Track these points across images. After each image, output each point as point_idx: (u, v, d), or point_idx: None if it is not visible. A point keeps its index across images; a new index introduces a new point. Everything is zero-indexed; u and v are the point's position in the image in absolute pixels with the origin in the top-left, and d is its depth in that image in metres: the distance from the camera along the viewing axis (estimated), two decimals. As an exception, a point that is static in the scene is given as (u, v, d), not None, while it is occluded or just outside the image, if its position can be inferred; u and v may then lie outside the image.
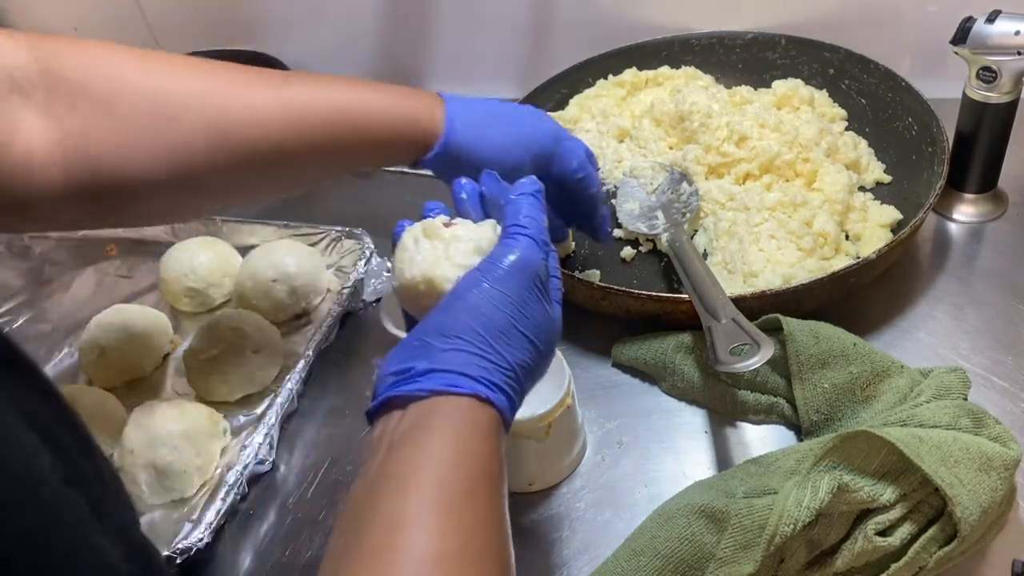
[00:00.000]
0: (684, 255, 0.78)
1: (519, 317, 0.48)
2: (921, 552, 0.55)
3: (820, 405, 0.68)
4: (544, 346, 0.49)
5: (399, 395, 0.46)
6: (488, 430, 0.46)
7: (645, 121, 0.99)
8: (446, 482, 0.42)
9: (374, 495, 0.42)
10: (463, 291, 0.49)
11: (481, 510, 0.43)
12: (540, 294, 0.50)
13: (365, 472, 0.44)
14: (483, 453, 0.45)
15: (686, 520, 0.58)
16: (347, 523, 0.43)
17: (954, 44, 0.80)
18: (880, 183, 0.91)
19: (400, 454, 0.43)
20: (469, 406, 0.45)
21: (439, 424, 0.44)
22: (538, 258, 0.50)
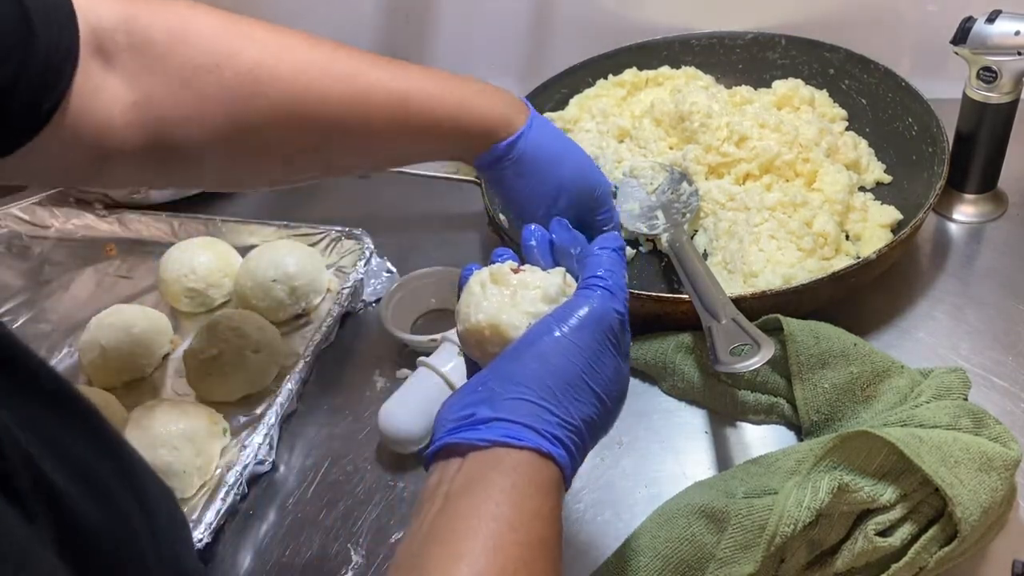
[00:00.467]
0: (684, 255, 0.77)
1: (589, 371, 0.46)
2: (921, 552, 0.55)
3: (820, 405, 0.68)
4: (612, 403, 0.48)
5: (459, 442, 0.44)
6: (548, 489, 0.43)
7: (645, 121, 0.99)
8: (501, 547, 0.40)
9: (425, 550, 0.41)
10: (533, 339, 0.47)
11: (540, 567, 0.41)
12: (613, 349, 0.48)
13: (419, 523, 0.43)
14: (541, 515, 0.42)
15: (686, 520, 0.58)
16: (403, 564, 0.41)
17: (954, 44, 0.80)
18: (880, 183, 0.91)
19: (456, 509, 0.42)
20: (530, 461, 0.43)
21: (498, 479, 0.42)
22: (615, 312, 0.48)
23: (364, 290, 0.88)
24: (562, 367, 0.45)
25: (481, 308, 0.51)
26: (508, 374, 0.45)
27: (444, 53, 1.17)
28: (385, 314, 0.81)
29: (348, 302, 0.85)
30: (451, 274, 0.85)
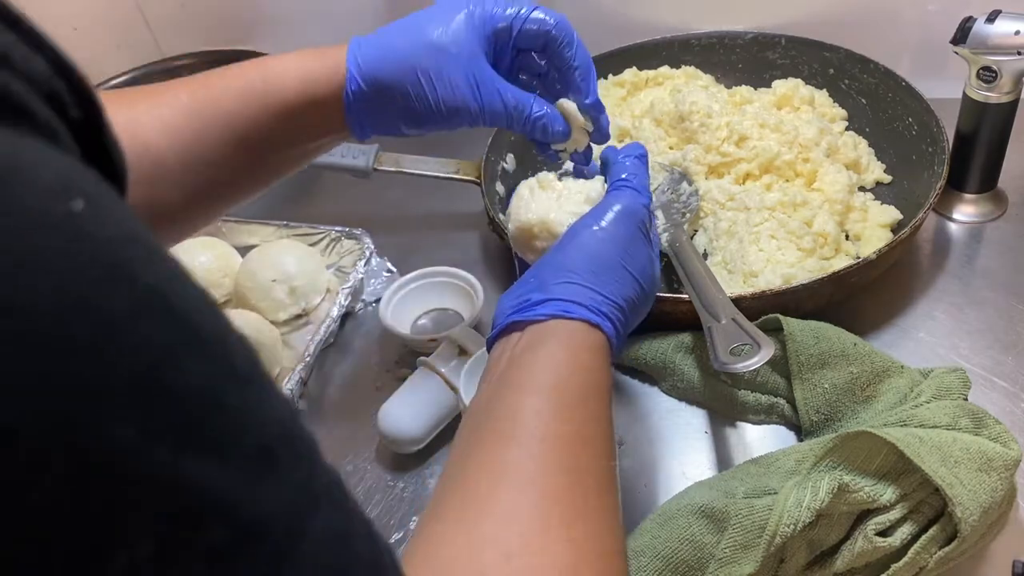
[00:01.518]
0: (684, 255, 0.77)
1: (626, 257, 0.53)
2: (921, 552, 0.55)
3: (820, 405, 0.68)
4: (647, 284, 0.55)
5: (518, 320, 0.51)
6: (598, 349, 0.50)
7: (645, 121, 0.99)
8: (561, 384, 0.47)
9: (495, 399, 0.47)
10: (575, 232, 0.55)
11: (592, 409, 0.47)
12: (643, 238, 0.55)
13: (486, 385, 0.49)
14: (594, 367, 0.49)
15: (686, 520, 0.58)
16: (468, 425, 0.47)
17: (954, 44, 0.80)
18: (880, 183, 0.91)
19: (519, 364, 0.48)
20: (580, 329, 0.50)
21: (555, 341, 0.49)
22: (640, 206, 0.56)
23: (364, 290, 0.88)
24: (603, 254, 0.53)
25: (531, 209, 0.59)
26: (557, 264, 0.53)
27: (444, 53, 1.17)
28: (385, 314, 0.81)
29: (348, 302, 0.85)
30: (451, 274, 0.85)
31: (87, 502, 0.17)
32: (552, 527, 0.40)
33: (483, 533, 0.39)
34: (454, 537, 0.39)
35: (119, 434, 0.18)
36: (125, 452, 0.18)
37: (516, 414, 0.45)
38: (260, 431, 0.22)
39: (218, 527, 0.20)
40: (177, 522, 0.19)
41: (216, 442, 0.20)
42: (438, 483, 0.45)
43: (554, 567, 0.39)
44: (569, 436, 0.44)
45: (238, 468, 0.20)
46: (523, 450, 0.43)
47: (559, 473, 0.43)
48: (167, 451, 0.19)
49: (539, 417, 0.45)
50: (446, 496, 0.42)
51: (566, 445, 0.44)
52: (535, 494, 0.41)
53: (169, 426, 0.19)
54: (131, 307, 0.19)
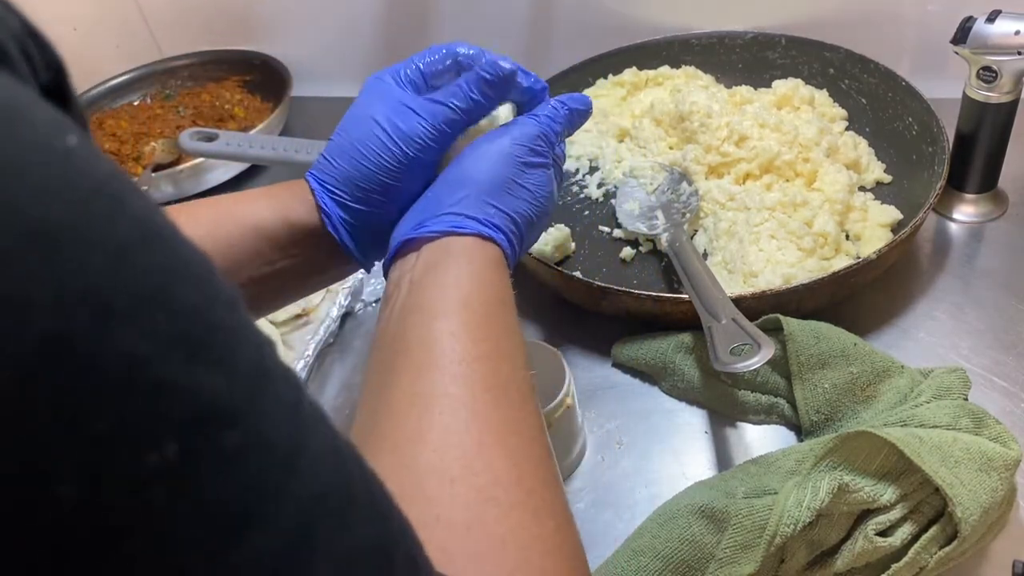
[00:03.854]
0: (684, 255, 0.77)
1: (519, 173, 0.54)
2: (921, 552, 0.55)
3: (820, 405, 0.68)
4: (543, 201, 0.56)
5: (413, 238, 0.51)
6: (496, 263, 0.52)
7: (645, 121, 0.99)
8: (469, 303, 0.47)
9: (403, 326, 0.47)
10: (469, 150, 0.55)
11: (503, 324, 0.48)
12: (541, 157, 0.56)
13: (389, 312, 0.49)
14: (495, 281, 0.50)
15: (686, 520, 0.58)
16: (380, 356, 0.47)
17: (954, 44, 0.80)
18: (880, 183, 0.91)
19: (422, 288, 0.48)
20: (476, 244, 0.51)
21: (453, 260, 0.50)
22: (539, 130, 0.57)
23: (364, 290, 0.88)
24: (497, 170, 0.54)
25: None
26: (451, 180, 0.54)
27: (444, 53, 1.17)
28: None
29: (348, 302, 0.85)
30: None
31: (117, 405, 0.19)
32: (488, 445, 0.41)
33: (422, 463, 0.39)
34: (394, 471, 0.39)
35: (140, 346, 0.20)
36: (146, 362, 0.20)
37: (431, 340, 0.45)
38: (253, 351, 0.23)
39: (231, 432, 0.21)
40: (196, 425, 0.20)
41: (220, 356, 0.22)
42: (359, 416, 0.44)
43: (498, 483, 0.39)
44: (487, 354, 0.45)
45: (241, 381, 0.22)
46: (446, 375, 0.43)
47: (484, 391, 0.43)
48: (180, 361, 0.20)
49: (455, 339, 0.45)
50: (376, 431, 0.42)
51: (486, 363, 0.44)
52: (466, 416, 0.42)
53: (179, 340, 0.21)
54: (134, 234, 0.21)
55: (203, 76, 1.23)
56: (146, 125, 1.13)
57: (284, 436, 0.23)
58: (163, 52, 1.26)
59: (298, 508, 0.23)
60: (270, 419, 0.23)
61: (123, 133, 1.12)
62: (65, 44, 0.25)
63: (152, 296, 0.20)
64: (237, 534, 0.21)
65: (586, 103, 0.61)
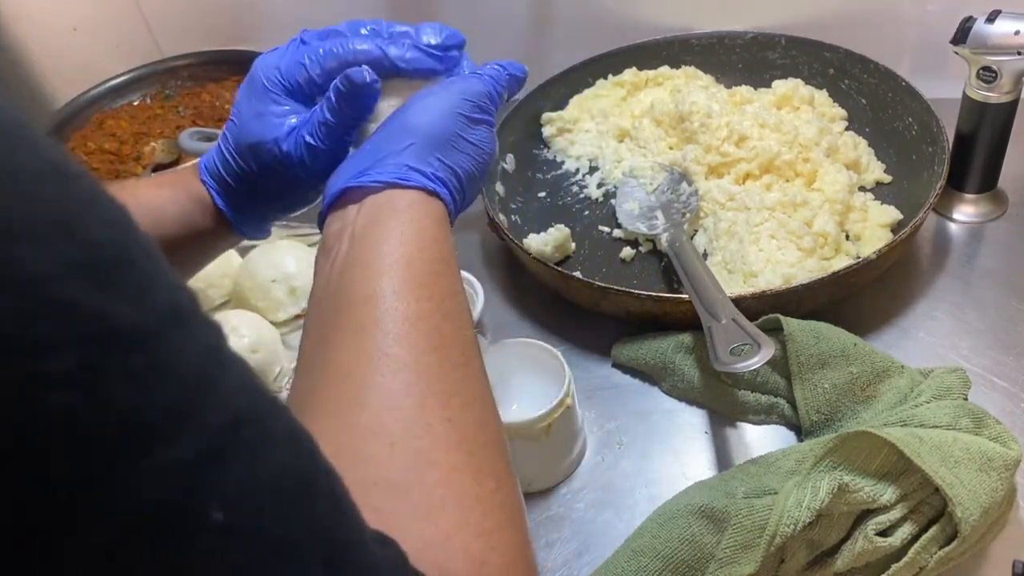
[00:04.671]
0: (684, 255, 0.77)
1: (465, 129, 0.52)
2: (921, 552, 0.55)
3: (820, 405, 0.68)
4: (485, 159, 0.54)
5: (354, 186, 0.49)
6: (440, 220, 0.50)
7: (645, 121, 0.99)
8: (412, 261, 0.46)
9: (345, 281, 0.45)
10: (416, 99, 0.53)
11: (446, 282, 0.47)
12: (486, 115, 0.54)
13: (329, 266, 0.47)
14: (439, 239, 0.48)
15: (686, 521, 0.58)
16: (320, 313, 0.46)
17: (954, 44, 0.80)
18: (880, 183, 0.91)
19: (365, 243, 0.47)
20: (419, 198, 0.49)
21: (397, 216, 0.48)
22: (485, 88, 0.55)
23: (364, 290, 0.88)
24: (443, 121, 0.52)
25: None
26: (395, 128, 0.52)
27: (444, 53, 1.17)
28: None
29: (348, 302, 0.85)
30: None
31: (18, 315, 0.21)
32: (429, 408, 0.40)
33: (363, 424, 0.39)
34: (335, 433, 0.39)
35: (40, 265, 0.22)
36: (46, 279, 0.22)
37: (373, 298, 0.44)
38: (171, 294, 0.25)
39: (137, 355, 0.23)
40: (97, 342, 0.22)
41: (132, 290, 0.24)
42: (298, 375, 0.44)
43: (436, 447, 0.39)
44: (430, 313, 0.44)
45: (152, 314, 0.24)
46: (388, 335, 0.42)
47: (428, 352, 0.42)
48: (83, 285, 0.22)
49: (397, 298, 0.44)
50: (317, 392, 0.42)
51: (429, 323, 0.44)
52: (409, 377, 0.41)
53: (83, 266, 0.23)
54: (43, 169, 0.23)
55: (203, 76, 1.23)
56: (146, 125, 1.13)
57: (195, 368, 0.25)
58: (163, 52, 1.26)
59: (209, 433, 0.24)
60: (181, 352, 0.24)
61: (123, 133, 1.12)
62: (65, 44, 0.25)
63: (56, 224, 0.22)
64: (145, 445, 0.23)
65: (523, 70, 0.59)
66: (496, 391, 0.68)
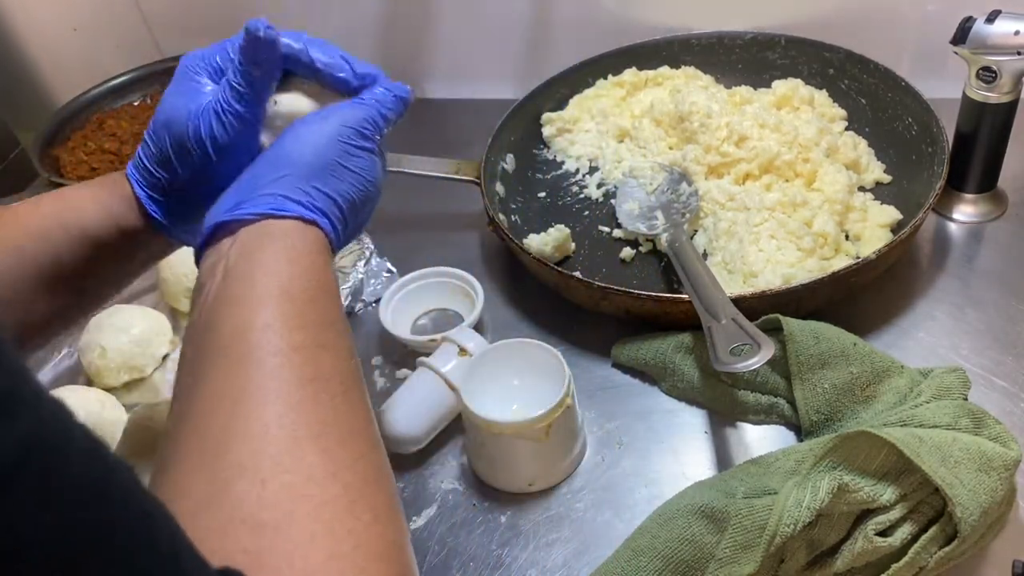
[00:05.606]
0: (684, 255, 0.77)
1: (344, 156, 0.52)
2: (921, 552, 0.55)
3: (820, 405, 0.68)
4: (368, 185, 0.54)
5: (228, 220, 0.48)
6: (318, 248, 0.49)
7: (645, 121, 0.99)
8: (287, 292, 0.44)
9: (217, 316, 0.44)
10: (293, 128, 0.53)
11: (323, 312, 0.45)
12: (366, 140, 0.54)
13: (201, 302, 0.46)
14: (317, 266, 0.47)
15: (686, 520, 0.58)
16: (190, 353, 0.44)
17: (954, 44, 0.80)
18: (880, 183, 0.91)
19: (237, 275, 0.45)
20: (296, 228, 0.48)
21: (271, 245, 0.47)
22: (366, 115, 0.54)
23: (364, 290, 0.88)
24: (320, 150, 0.51)
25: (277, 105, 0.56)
26: (271, 159, 0.51)
27: (444, 54, 1.17)
28: (385, 314, 0.81)
29: (348, 302, 0.85)
30: (451, 274, 0.85)
31: None
32: (302, 440, 0.39)
33: (230, 462, 0.37)
34: (200, 474, 0.37)
35: None
36: None
37: (245, 332, 0.42)
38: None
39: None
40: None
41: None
42: (170, 412, 0.42)
43: (311, 480, 0.38)
44: (305, 344, 0.43)
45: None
46: (259, 369, 0.41)
47: (302, 384, 0.41)
48: None
49: (270, 331, 0.42)
50: (187, 428, 0.40)
51: (304, 355, 0.42)
52: (280, 409, 0.40)
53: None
54: None
55: (203, 76, 1.23)
56: (146, 125, 1.13)
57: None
58: (163, 52, 1.26)
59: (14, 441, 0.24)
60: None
61: (123, 133, 1.12)
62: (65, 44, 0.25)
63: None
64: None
65: (407, 91, 0.58)
66: (496, 391, 0.69)
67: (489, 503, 0.68)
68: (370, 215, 0.56)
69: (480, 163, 0.92)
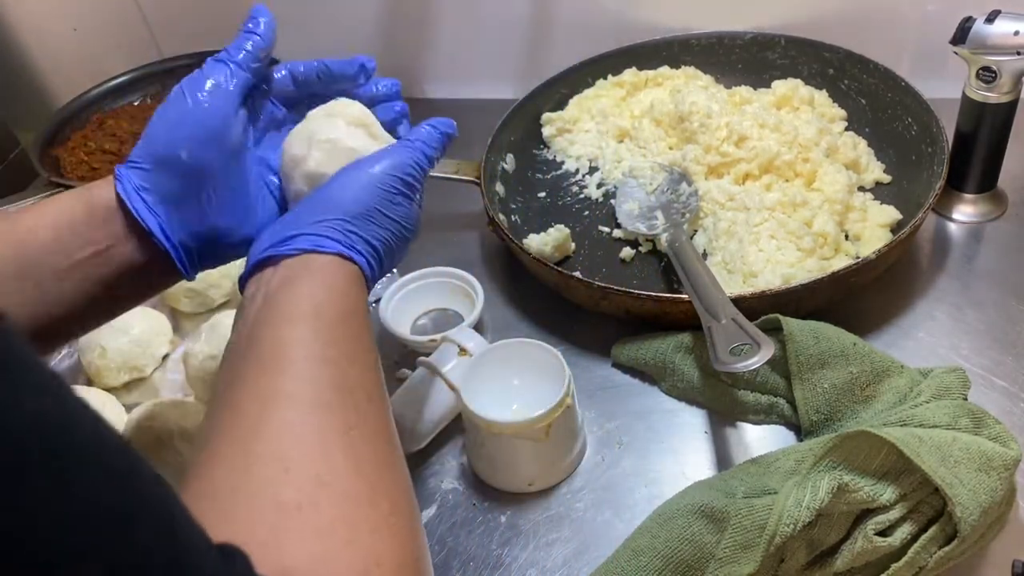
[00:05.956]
0: (684, 255, 0.77)
1: (384, 203, 0.55)
2: (921, 552, 0.55)
3: (820, 405, 0.68)
4: (405, 231, 0.56)
5: (272, 255, 0.51)
6: (354, 280, 0.52)
7: (645, 121, 0.99)
8: (320, 311, 0.48)
9: (255, 335, 0.47)
10: (339, 175, 0.56)
11: (353, 329, 0.49)
12: (407, 189, 0.56)
13: (242, 323, 0.49)
14: (351, 294, 0.51)
15: (686, 520, 0.58)
16: (229, 363, 0.47)
17: (954, 44, 0.80)
18: (880, 183, 0.91)
19: (276, 300, 0.49)
20: (334, 263, 0.51)
21: (308, 275, 0.50)
22: (411, 161, 0.57)
23: (364, 290, 0.88)
24: (361, 196, 0.54)
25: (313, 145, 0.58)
26: (316, 203, 0.54)
27: (444, 54, 1.17)
28: (385, 314, 0.81)
29: (348, 302, 0.84)
30: (451, 274, 0.85)
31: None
32: (327, 437, 0.42)
33: (259, 452, 0.40)
34: (230, 461, 0.40)
35: None
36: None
37: (279, 345, 0.46)
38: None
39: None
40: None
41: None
42: (205, 421, 0.45)
43: (334, 472, 0.40)
44: (334, 357, 0.46)
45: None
46: (289, 375, 0.44)
47: (329, 390, 0.44)
48: None
49: (302, 343, 0.46)
50: (218, 426, 0.43)
51: (333, 365, 0.45)
52: (307, 411, 0.42)
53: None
54: None
55: (203, 76, 1.23)
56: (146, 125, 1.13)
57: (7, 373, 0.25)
58: (163, 52, 1.26)
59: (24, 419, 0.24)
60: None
61: (123, 133, 1.12)
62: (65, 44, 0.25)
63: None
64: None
65: (453, 127, 0.61)
66: (496, 391, 0.69)
67: (489, 503, 0.69)
68: (405, 253, 0.59)
69: (480, 163, 0.92)
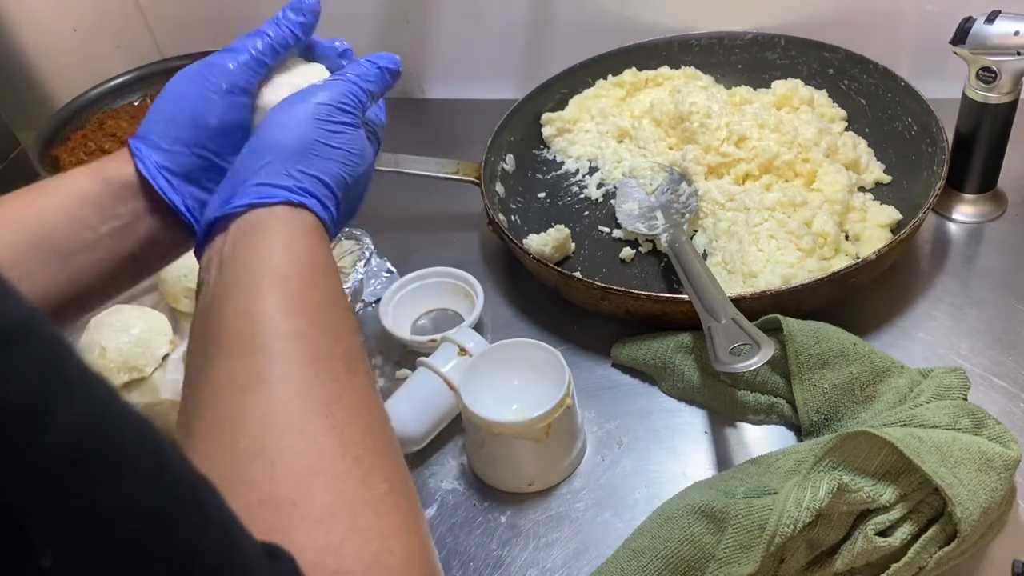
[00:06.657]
0: (684, 255, 0.78)
1: (327, 134, 0.51)
2: (921, 552, 0.55)
3: (820, 405, 0.68)
4: (356, 161, 0.53)
5: (219, 216, 0.48)
6: (311, 230, 0.49)
7: (645, 121, 0.99)
8: (284, 277, 0.45)
9: (216, 309, 0.45)
10: (271, 115, 0.53)
11: (321, 294, 0.46)
12: (348, 115, 0.53)
13: (202, 298, 0.46)
14: (311, 248, 0.48)
15: (686, 520, 0.58)
16: (194, 348, 0.45)
17: (954, 44, 0.80)
18: (880, 183, 0.91)
19: (232, 268, 0.46)
20: (286, 213, 0.48)
21: (261, 233, 0.47)
22: (345, 89, 0.54)
23: (364, 290, 0.88)
24: (299, 132, 0.51)
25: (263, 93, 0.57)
26: (252, 149, 0.51)
27: (444, 54, 1.17)
28: (385, 314, 0.81)
29: (348, 302, 0.84)
30: (451, 274, 0.85)
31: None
32: (309, 421, 0.40)
33: (242, 449, 0.39)
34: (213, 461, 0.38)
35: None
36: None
37: (246, 322, 0.43)
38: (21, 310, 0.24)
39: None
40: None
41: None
42: (180, 408, 0.43)
43: (322, 457, 0.39)
44: (305, 328, 0.43)
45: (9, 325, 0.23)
46: (262, 356, 0.42)
47: (305, 366, 0.42)
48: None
49: (267, 319, 0.43)
50: (195, 419, 0.41)
51: (305, 338, 0.43)
52: (286, 393, 0.41)
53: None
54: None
55: (203, 76, 1.23)
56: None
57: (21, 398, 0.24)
58: (163, 52, 1.26)
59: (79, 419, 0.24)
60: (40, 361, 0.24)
61: (123, 133, 1.12)
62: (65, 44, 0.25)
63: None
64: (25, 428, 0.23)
65: (395, 61, 0.58)
66: (496, 391, 0.69)
67: (489, 503, 0.69)
68: (364, 194, 0.56)
69: (480, 163, 0.92)
